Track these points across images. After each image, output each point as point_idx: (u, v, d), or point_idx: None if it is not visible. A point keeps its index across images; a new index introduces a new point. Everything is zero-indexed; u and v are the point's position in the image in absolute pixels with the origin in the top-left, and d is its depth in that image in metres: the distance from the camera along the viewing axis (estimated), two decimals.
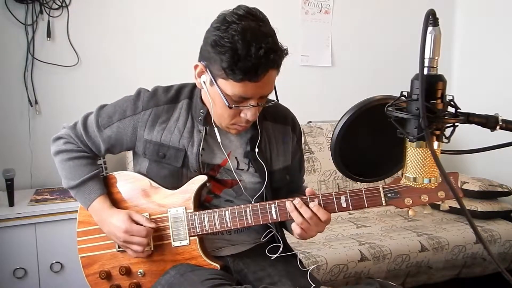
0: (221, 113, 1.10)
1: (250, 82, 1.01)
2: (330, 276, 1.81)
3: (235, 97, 1.04)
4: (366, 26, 2.86)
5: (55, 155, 1.23)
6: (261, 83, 1.02)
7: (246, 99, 1.05)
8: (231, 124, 1.11)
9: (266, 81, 1.03)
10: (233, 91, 1.03)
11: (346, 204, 1.09)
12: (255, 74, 0.99)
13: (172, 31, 2.40)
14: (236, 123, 1.11)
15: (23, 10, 2.13)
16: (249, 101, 1.06)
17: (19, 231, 1.84)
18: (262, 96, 1.07)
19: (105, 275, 1.19)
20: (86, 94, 2.26)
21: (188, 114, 1.18)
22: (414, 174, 0.67)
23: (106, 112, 1.21)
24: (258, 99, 1.06)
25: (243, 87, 1.02)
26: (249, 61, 0.97)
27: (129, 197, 1.21)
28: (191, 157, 1.15)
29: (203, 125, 1.16)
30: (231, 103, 1.05)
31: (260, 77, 1.00)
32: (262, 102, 1.09)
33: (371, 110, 0.77)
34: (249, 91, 1.03)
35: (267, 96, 1.10)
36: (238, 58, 0.97)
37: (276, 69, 1.05)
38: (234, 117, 1.09)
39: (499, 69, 2.76)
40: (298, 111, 1.35)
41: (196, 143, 1.15)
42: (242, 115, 1.08)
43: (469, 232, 2.12)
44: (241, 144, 1.21)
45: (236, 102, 1.05)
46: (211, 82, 1.06)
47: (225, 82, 1.03)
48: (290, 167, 1.27)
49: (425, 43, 0.63)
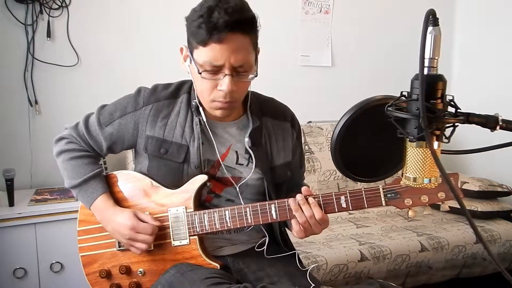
0: (201, 89, 1.11)
1: (216, 44, 1.01)
2: (330, 276, 1.82)
3: (207, 66, 1.05)
4: (366, 26, 2.86)
5: (58, 156, 1.24)
6: (228, 46, 1.02)
7: (218, 67, 1.04)
8: (211, 101, 1.10)
9: (234, 46, 1.02)
10: (203, 58, 1.04)
11: (346, 205, 1.09)
12: (218, 33, 1.00)
13: (172, 31, 2.39)
14: (215, 99, 1.09)
15: (23, 10, 2.13)
16: (221, 71, 1.05)
17: (19, 231, 1.84)
18: (234, 66, 1.04)
19: (105, 274, 1.19)
20: (86, 94, 2.26)
21: (188, 108, 1.19)
22: (414, 174, 0.67)
23: (107, 111, 1.22)
24: (231, 69, 1.04)
25: (211, 51, 1.03)
26: (212, 22, 1.00)
27: (129, 196, 1.21)
28: (192, 151, 1.16)
29: (197, 115, 1.17)
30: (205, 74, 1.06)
31: (223, 37, 1.00)
32: (237, 73, 1.06)
33: (371, 110, 0.77)
34: (218, 56, 1.03)
35: (242, 68, 1.06)
36: (203, 21, 1.01)
37: (243, 34, 1.03)
38: (211, 90, 1.08)
39: (499, 69, 2.76)
40: (298, 111, 1.35)
41: (196, 137, 1.16)
42: (219, 87, 1.07)
43: (469, 232, 2.12)
44: (241, 138, 1.21)
45: (209, 72, 1.06)
46: (190, 59, 1.09)
47: (197, 52, 1.06)
48: (291, 164, 1.28)
49: (425, 43, 0.63)
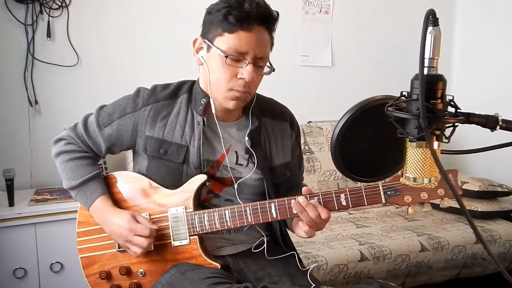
0: (218, 78, 1.11)
1: (243, 32, 1.06)
2: (330, 276, 1.82)
3: (231, 52, 1.07)
4: (366, 26, 2.86)
5: (56, 157, 1.23)
6: (254, 36, 1.07)
7: (242, 54, 1.07)
8: (228, 90, 1.11)
9: (259, 38, 1.08)
10: (228, 44, 1.07)
11: (346, 202, 1.09)
12: (247, 22, 1.05)
13: (172, 31, 2.40)
14: (233, 88, 1.10)
15: (23, 10, 2.13)
16: (244, 59, 1.08)
17: (19, 231, 1.84)
18: (257, 57, 1.09)
19: (105, 275, 1.19)
20: (86, 94, 2.26)
21: (188, 108, 1.19)
22: (414, 174, 0.67)
23: (106, 111, 1.21)
24: (254, 59, 1.08)
25: (237, 38, 1.06)
26: (242, 11, 1.05)
27: (128, 197, 1.21)
28: (192, 151, 1.16)
29: (202, 115, 1.17)
30: (228, 61, 1.08)
31: (252, 27, 1.06)
32: (258, 64, 1.10)
33: (371, 110, 0.77)
34: (244, 43, 1.06)
35: (262, 61, 1.11)
36: (232, 9, 1.05)
37: (267, 29, 1.10)
38: (231, 79, 1.10)
39: (499, 69, 2.76)
40: (298, 111, 1.36)
41: (196, 137, 1.16)
42: (239, 76, 1.09)
43: (469, 232, 2.12)
44: (241, 138, 1.21)
45: (232, 59, 1.08)
46: (208, 48, 1.11)
47: (221, 39, 1.08)
48: (290, 164, 1.28)
49: (425, 43, 0.63)
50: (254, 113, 1.22)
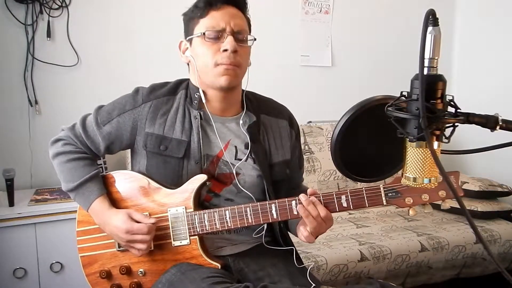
0: (204, 59, 1.15)
1: (214, 11, 1.14)
2: (330, 276, 1.81)
3: (209, 32, 1.14)
4: (366, 26, 2.86)
5: (54, 158, 1.23)
6: (226, 12, 1.15)
7: (220, 32, 1.14)
8: (215, 65, 1.14)
9: (231, 13, 1.15)
10: (206, 26, 1.15)
11: (347, 204, 1.09)
12: (215, 2, 1.14)
13: (172, 31, 2.39)
14: (219, 62, 1.14)
15: (23, 10, 2.13)
16: (223, 35, 1.14)
17: (19, 231, 1.83)
18: (234, 31, 1.14)
19: (106, 274, 1.19)
20: (86, 94, 2.26)
21: (185, 104, 1.21)
22: (414, 174, 0.67)
23: (105, 110, 1.22)
24: (232, 32, 1.14)
25: (211, 18, 1.15)
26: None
27: (128, 197, 1.20)
28: (193, 146, 1.17)
29: (197, 109, 1.19)
30: (209, 40, 1.14)
31: (221, 5, 1.14)
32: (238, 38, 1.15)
33: (371, 110, 0.77)
34: (219, 21, 1.14)
35: (241, 35, 1.16)
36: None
37: (236, 8, 1.17)
38: (215, 53, 1.14)
39: (499, 69, 2.76)
40: (298, 111, 1.36)
41: (195, 131, 1.17)
42: (222, 48, 1.13)
43: (469, 232, 2.12)
44: (240, 133, 1.22)
45: (212, 38, 1.14)
46: (191, 42, 1.19)
47: (198, 26, 1.16)
48: (290, 163, 1.29)
49: (425, 43, 0.63)
50: (253, 110, 1.24)
